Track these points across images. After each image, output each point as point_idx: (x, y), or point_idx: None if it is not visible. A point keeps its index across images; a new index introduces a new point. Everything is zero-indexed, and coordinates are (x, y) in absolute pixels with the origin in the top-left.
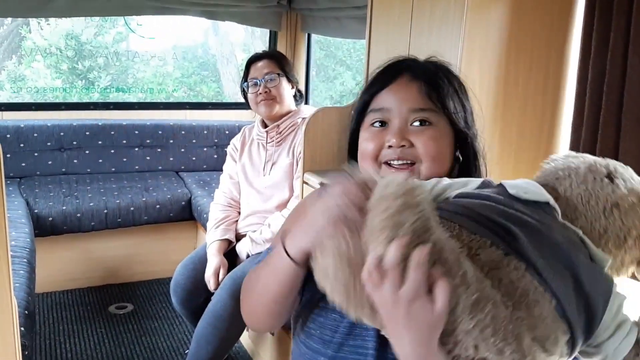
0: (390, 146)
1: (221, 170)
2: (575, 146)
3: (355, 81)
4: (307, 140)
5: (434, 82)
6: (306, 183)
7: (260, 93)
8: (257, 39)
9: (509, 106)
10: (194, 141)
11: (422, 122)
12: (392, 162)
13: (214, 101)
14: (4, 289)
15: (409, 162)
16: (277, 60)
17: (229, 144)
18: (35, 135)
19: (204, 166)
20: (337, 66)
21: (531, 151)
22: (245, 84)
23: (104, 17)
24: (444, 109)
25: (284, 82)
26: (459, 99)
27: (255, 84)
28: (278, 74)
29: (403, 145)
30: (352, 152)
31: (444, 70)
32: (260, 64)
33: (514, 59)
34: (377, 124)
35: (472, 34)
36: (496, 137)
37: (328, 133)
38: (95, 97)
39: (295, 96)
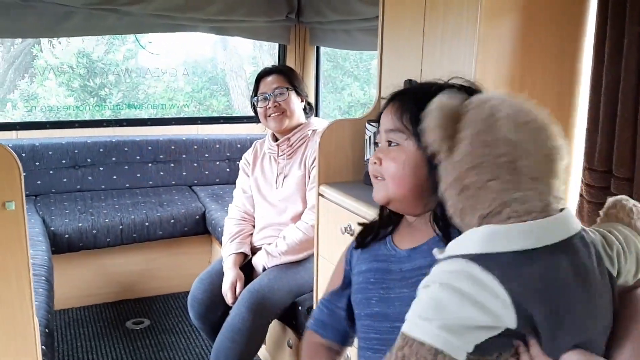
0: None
1: (234, 183)
2: (590, 153)
3: (362, 92)
4: (322, 152)
5: (408, 103)
6: (322, 195)
7: (269, 107)
8: (265, 53)
9: None
10: (206, 155)
11: (390, 143)
12: (373, 175)
13: (225, 115)
14: (26, 310)
15: (378, 178)
16: (285, 74)
17: (240, 157)
18: (50, 153)
19: (217, 180)
20: (345, 77)
21: None
22: (255, 98)
23: (116, 35)
24: (413, 131)
25: (293, 96)
26: None
27: (265, 99)
28: (287, 88)
29: (375, 163)
30: None
31: (425, 92)
32: (269, 78)
33: (528, 70)
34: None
35: (486, 45)
36: None
37: (342, 145)
38: (107, 114)
39: (305, 109)
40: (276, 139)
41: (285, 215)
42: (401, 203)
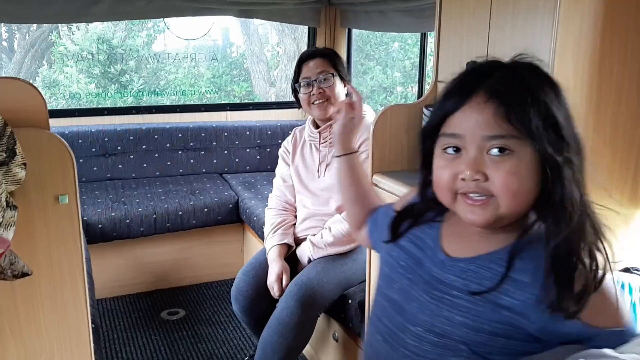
0: (463, 179)
1: (264, 171)
2: None
3: (385, 75)
4: (375, 140)
5: (513, 99)
6: (376, 185)
7: (313, 94)
8: (287, 37)
9: (603, 99)
10: (236, 143)
11: (502, 150)
12: (469, 194)
13: (254, 101)
14: (80, 308)
15: (484, 197)
16: (329, 58)
17: (271, 144)
18: (80, 141)
19: (247, 167)
20: (366, 61)
21: (625, 143)
22: (297, 84)
23: (144, 20)
24: (527, 132)
25: (338, 82)
26: (546, 113)
27: (308, 84)
28: (332, 74)
29: (477, 179)
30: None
31: (529, 78)
32: (312, 62)
33: (609, 50)
34: (450, 150)
35: (566, 26)
36: (589, 130)
37: (397, 132)
38: (129, 100)
39: (347, 94)
40: (317, 126)
41: (329, 205)
42: (508, 221)
